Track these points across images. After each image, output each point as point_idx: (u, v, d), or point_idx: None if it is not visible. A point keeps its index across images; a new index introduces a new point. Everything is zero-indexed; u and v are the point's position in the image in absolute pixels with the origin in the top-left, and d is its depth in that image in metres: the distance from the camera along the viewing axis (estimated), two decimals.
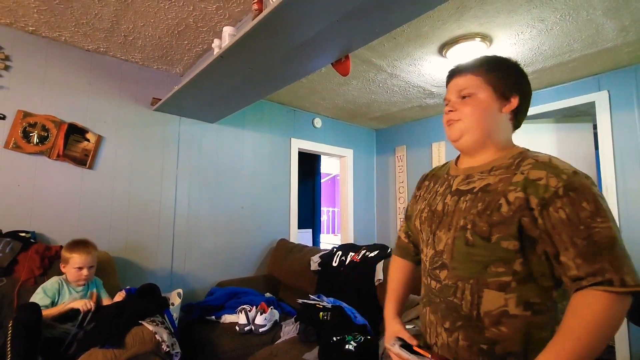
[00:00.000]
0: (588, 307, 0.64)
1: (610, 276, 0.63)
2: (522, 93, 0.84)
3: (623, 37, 2.14)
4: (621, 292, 0.63)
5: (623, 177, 2.58)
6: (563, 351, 0.63)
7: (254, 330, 2.10)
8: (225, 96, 2.23)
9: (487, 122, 0.83)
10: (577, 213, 0.67)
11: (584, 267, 0.65)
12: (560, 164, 0.74)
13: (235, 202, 2.98)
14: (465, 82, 0.86)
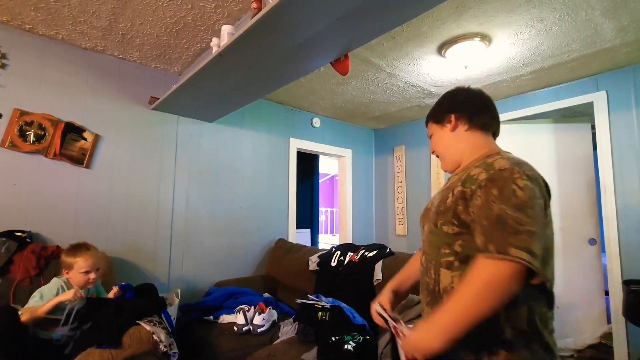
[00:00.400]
0: (473, 270, 0.76)
1: (493, 247, 0.74)
2: (454, 107, 1.03)
3: (622, 37, 2.15)
4: (499, 259, 0.72)
5: (621, 177, 2.59)
6: (451, 303, 0.76)
7: (252, 330, 2.09)
8: (224, 95, 2.22)
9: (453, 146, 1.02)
10: (487, 199, 0.79)
11: (483, 241, 0.77)
12: (499, 164, 0.84)
13: (233, 202, 2.97)
14: (428, 128, 1.11)
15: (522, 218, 0.74)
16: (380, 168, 4.35)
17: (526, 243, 0.72)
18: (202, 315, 2.27)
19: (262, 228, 3.17)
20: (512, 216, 0.74)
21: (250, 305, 2.22)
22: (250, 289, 2.55)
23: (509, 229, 0.74)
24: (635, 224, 2.50)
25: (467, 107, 1.02)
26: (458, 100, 1.04)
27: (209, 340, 2.04)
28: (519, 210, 0.75)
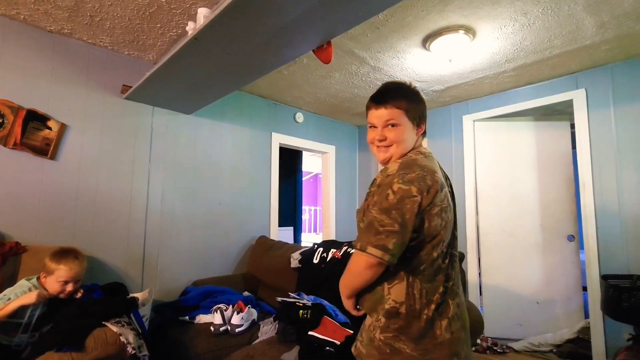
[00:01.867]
0: (350, 259, 1.02)
1: (358, 244, 0.96)
2: (425, 119, 1.11)
3: (602, 34, 2.17)
4: (357, 251, 0.96)
5: (599, 175, 2.63)
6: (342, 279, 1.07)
7: (230, 330, 1.99)
8: (202, 84, 2.11)
9: (408, 144, 1.07)
10: (370, 203, 0.99)
11: (356, 238, 1.00)
12: (392, 168, 1.01)
13: (212, 198, 2.86)
14: (390, 113, 1.05)
15: (385, 220, 0.92)
16: (364, 165, 4.31)
17: (383, 242, 0.91)
18: (178, 316, 2.16)
19: (243, 225, 3.06)
20: (378, 219, 0.93)
21: (229, 305, 2.13)
22: (229, 288, 2.45)
23: (373, 230, 0.93)
24: (613, 221, 2.54)
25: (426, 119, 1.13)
26: (425, 111, 1.12)
27: (184, 342, 1.94)
28: (384, 213, 0.92)
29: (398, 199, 0.92)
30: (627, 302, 2.11)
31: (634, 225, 2.45)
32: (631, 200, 2.47)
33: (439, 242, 0.98)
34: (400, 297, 0.97)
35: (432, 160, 1.06)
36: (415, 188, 0.93)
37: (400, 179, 0.94)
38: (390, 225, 0.91)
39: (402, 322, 0.96)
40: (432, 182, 0.95)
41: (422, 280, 0.97)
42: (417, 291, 0.96)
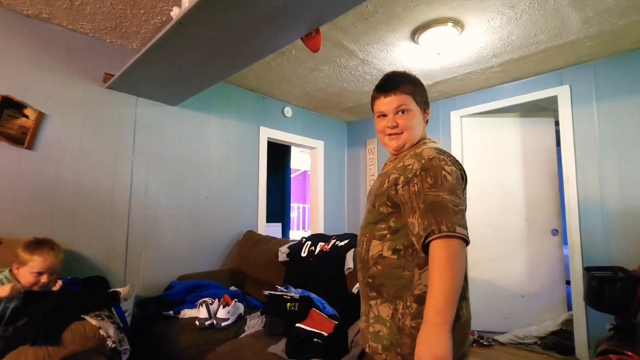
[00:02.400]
0: (434, 253, 0.86)
1: (434, 228, 0.86)
2: (429, 105, 1.15)
3: (586, 29, 2.20)
4: (442, 237, 0.85)
5: (582, 170, 2.68)
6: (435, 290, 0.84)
7: (215, 324, 1.95)
8: (187, 74, 2.06)
9: (418, 130, 1.09)
10: (423, 186, 0.93)
11: (421, 223, 0.89)
12: (427, 153, 0.98)
13: (199, 192, 2.81)
14: (399, 99, 1.06)
15: (456, 200, 0.90)
16: (352, 161, 4.30)
17: (463, 221, 0.89)
18: (162, 310, 2.11)
19: (230, 220, 3.02)
20: (449, 199, 0.89)
21: (214, 299, 2.09)
22: (215, 282, 2.40)
23: (450, 211, 0.88)
24: (595, 214, 2.59)
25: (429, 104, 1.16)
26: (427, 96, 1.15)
27: (168, 336, 1.89)
28: (452, 194, 0.91)
29: (455, 179, 0.94)
30: (609, 293, 2.15)
31: (615, 219, 2.50)
32: (613, 194, 2.52)
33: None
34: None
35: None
36: (459, 172, 0.98)
37: (448, 161, 0.97)
38: (461, 205, 0.91)
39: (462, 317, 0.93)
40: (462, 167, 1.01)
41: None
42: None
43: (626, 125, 2.49)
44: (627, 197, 2.46)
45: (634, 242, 2.41)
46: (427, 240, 0.87)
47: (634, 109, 2.46)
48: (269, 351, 1.62)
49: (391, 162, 1.12)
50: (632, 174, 2.45)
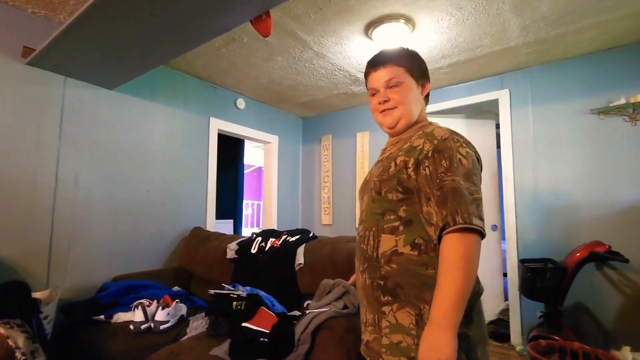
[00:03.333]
0: (446, 250, 0.78)
1: (449, 219, 0.78)
2: (428, 79, 1.04)
3: (524, 36, 2.35)
4: (456, 230, 0.77)
5: (519, 169, 2.87)
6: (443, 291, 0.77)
7: (153, 327, 1.80)
8: (124, 53, 1.87)
9: (415, 106, 0.98)
10: (437, 169, 0.83)
11: (439, 213, 0.81)
12: (438, 133, 0.88)
13: (139, 185, 2.58)
14: (390, 72, 0.97)
15: (472, 187, 0.82)
16: (307, 157, 4.26)
17: (479, 211, 0.80)
18: (91, 315, 1.89)
19: (175, 215, 2.82)
20: (465, 186, 0.81)
21: (153, 300, 1.92)
22: (155, 282, 2.22)
23: (466, 199, 0.79)
24: (529, 210, 2.80)
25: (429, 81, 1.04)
26: (428, 73, 1.05)
27: (96, 343, 1.70)
28: (468, 180, 0.82)
29: (472, 163, 0.84)
30: (540, 283, 2.32)
31: (546, 214, 2.71)
32: (544, 192, 2.74)
33: None
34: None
35: None
36: (474, 155, 0.88)
37: (463, 142, 0.87)
38: (477, 193, 0.82)
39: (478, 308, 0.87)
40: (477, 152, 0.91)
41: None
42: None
43: (557, 129, 2.71)
44: (557, 195, 2.68)
45: (562, 235, 2.63)
46: (443, 232, 0.79)
47: (564, 114, 2.69)
48: (212, 354, 1.52)
49: (393, 145, 1.00)
50: (561, 173, 2.68)
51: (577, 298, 2.53)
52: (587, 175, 2.57)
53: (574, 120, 2.64)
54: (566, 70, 2.69)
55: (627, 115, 2.43)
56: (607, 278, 2.44)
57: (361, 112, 3.82)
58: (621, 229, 2.40)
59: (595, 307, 2.47)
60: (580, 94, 2.63)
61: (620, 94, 2.45)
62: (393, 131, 1.01)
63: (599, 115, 2.54)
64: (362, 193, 1.05)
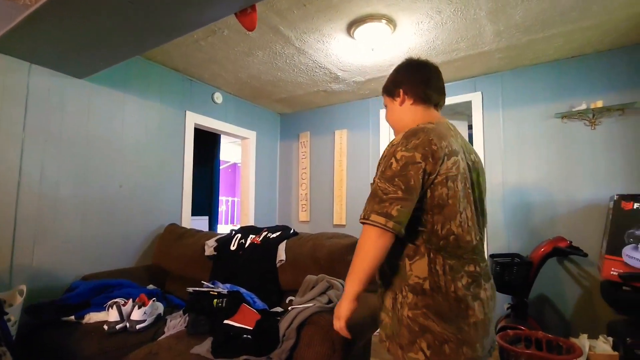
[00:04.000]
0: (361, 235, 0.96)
1: (362, 215, 0.94)
2: (401, 81, 1.11)
3: (497, 42, 2.46)
4: (363, 223, 0.93)
5: (490, 168, 3.01)
6: (349, 270, 0.98)
7: (129, 327, 1.73)
8: (97, 41, 1.78)
9: (397, 118, 1.14)
10: (377, 173, 0.98)
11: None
12: (397, 139, 0.99)
13: (111, 180, 2.47)
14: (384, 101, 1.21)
15: (389, 188, 0.91)
16: (285, 153, 4.24)
17: (386, 209, 0.89)
18: (60, 316, 1.80)
19: (149, 212, 2.73)
20: (381, 187, 0.92)
21: (128, 299, 1.85)
22: (128, 281, 2.14)
23: (376, 199, 0.92)
24: (498, 208, 2.94)
25: (413, 81, 1.09)
26: (406, 75, 1.12)
27: (67, 345, 1.62)
28: (387, 181, 0.92)
29: (402, 166, 0.91)
30: (508, 277, 2.46)
31: (512, 211, 2.87)
32: (512, 191, 2.89)
33: (455, 215, 0.93)
34: (422, 273, 0.93)
35: (443, 127, 1.00)
36: (419, 154, 0.91)
37: (403, 146, 0.94)
38: (394, 193, 0.90)
39: (429, 299, 0.92)
40: (437, 147, 0.92)
41: (445, 256, 0.93)
42: (439, 267, 0.92)
43: (525, 131, 2.87)
44: (523, 193, 2.84)
45: (528, 232, 2.79)
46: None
47: (531, 117, 2.84)
48: (193, 352, 1.49)
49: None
50: (528, 173, 2.83)
51: (541, 290, 2.70)
52: (550, 175, 2.74)
53: (540, 123, 2.80)
54: (534, 75, 2.85)
55: (587, 119, 2.61)
56: (568, 271, 2.63)
57: (340, 110, 3.85)
58: (580, 225, 2.59)
59: (557, 299, 2.65)
60: (546, 99, 2.79)
61: (582, 99, 2.62)
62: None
63: (563, 119, 2.71)
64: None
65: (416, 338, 0.92)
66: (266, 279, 2.00)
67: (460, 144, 1.02)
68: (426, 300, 0.92)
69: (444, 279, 0.92)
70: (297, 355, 1.36)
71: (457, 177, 0.94)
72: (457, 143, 1.00)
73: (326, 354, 1.30)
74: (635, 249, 2.01)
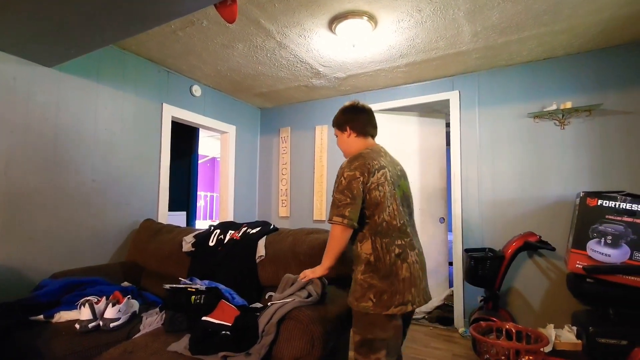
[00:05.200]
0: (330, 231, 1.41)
1: (328, 217, 1.39)
2: (348, 120, 1.57)
3: (474, 42, 2.53)
4: (330, 223, 1.37)
5: (466, 166, 3.10)
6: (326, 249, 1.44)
7: (102, 326, 1.68)
8: (68, 28, 1.69)
9: (344, 147, 1.60)
10: (334, 188, 1.42)
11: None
12: (343, 163, 1.43)
13: (83, 174, 2.38)
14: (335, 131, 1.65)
15: (341, 197, 1.36)
16: (265, 148, 4.21)
17: (341, 212, 1.34)
18: (28, 316, 1.72)
19: (124, 207, 2.64)
20: (337, 198, 1.37)
21: (101, 297, 1.80)
22: (101, 278, 2.07)
23: (335, 206, 1.37)
24: (473, 204, 3.04)
25: (356, 121, 1.56)
26: (351, 116, 1.57)
27: (36, 346, 1.55)
28: (340, 193, 1.37)
29: (348, 181, 1.36)
30: (482, 270, 2.55)
31: (487, 208, 2.97)
32: (486, 188, 2.99)
33: (385, 208, 1.37)
34: (368, 250, 1.37)
35: (375, 152, 1.46)
36: (359, 172, 1.36)
37: (348, 169, 1.39)
38: (344, 200, 1.35)
39: (373, 266, 1.35)
40: (370, 166, 1.38)
41: (381, 237, 1.37)
42: (379, 245, 1.36)
43: (498, 130, 2.97)
44: (497, 190, 2.94)
45: (501, 227, 2.90)
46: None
47: (505, 117, 2.94)
48: (170, 350, 1.47)
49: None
50: (501, 171, 2.94)
51: (512, 283, 2.81)
52: (522, 172, 2.85)
53: (514, 122, 2.90)
54: (509, 76, 2.95)
55: (557, 119, 2.73)
56: (537, 265, 2.75)
57: (321, 106, 3.85)
58: (549, 221, 2.71)
59: (526, 291, 2.77)
60: (519, 99, 2.89)
61: (553, 100, 2.74)
62: None
63: (535, 119, 2.82)
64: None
65: (366, 292, 1.35)
66: (245, 275, 1.99)
67: (388, 161, 1.47)
68: (371, 267, 1.36)
69: (382, 252, 1.36)
70: (277, 350, 1.36)
71: (384, 183, 1.38)
72: (386, 160, 1.46)
73: (305, 348, 1.31)
74: (598, 243, 2.13)
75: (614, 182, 2.53)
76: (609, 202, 2.13)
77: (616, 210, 2.10)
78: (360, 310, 1.36)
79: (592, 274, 2.12)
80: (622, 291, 2.05)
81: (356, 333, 1.40)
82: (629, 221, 2.06)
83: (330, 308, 1.53)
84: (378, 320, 1.34)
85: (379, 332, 1.34)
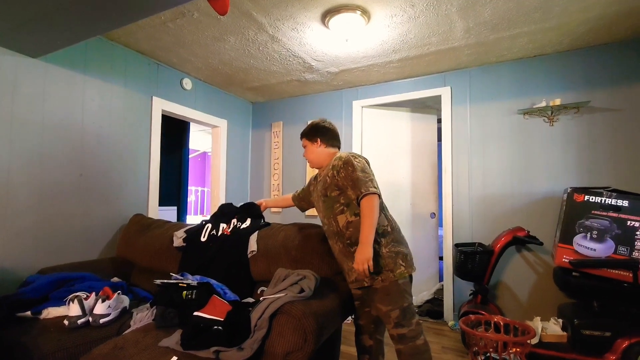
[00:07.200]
0: (362, 206, 1.56)
1: (362, 191, 1.57)
2: (319, 134, 1.83)
3: (466, 38, 2.54)
4: (365, 194, 1.55)
5: (457, 162, 3.12)
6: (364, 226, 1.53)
7: (92, 322, 1.66)
8: (55, 17, 1.65)
9: (313, 156, 1.85)
10: (348, 172, 1.63)
11: (356, 191, 1.60)
12: (343, 155, 1.69)
13: (71, 168, 2.33)
14: (302, 142, 1.89)
15: (364, 175, 1.60)
16: (257, 143, 4.18)
17: (373, 184, 1.59)
18: (14, 312, 1.69)
19: (113, 202, 2.60)
20: (361, 176, 1.60)
21: (91, 293, 1.77)
22: (91, 274, 2.04)
23: (362, 182, 1.58)
24: (464, 199, 3.07)
25: (325, 134, 1.83)
26: (321, 131, 1.83)
27: (23, 343, 1.52)
28: (361, 172, 1.61)
29: (362, 165, 1.65)
30: (471, 265, 2.59)
31: (477, 203, 3.01)
32: (477, 183, 3.02)
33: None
34: (384, 222, 1.65)
35: None
36: (364, 160, 1.70)
37: (354, 159, 1.65)
38: (368, 176, 1.61)
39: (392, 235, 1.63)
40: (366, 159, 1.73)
41: (385, 210, 1.69)
42: (389, 216, 1.70)
43: (489, 126, 3.00)
44: (487, 185, 2.98)
45: (490, 222, 2.94)
46: (359, 199, 1.57)
47: (495, 113, 2.97)
48: (161, 345, 1.45)
49: (321, 172, 1.85)
50: (491, 166, 2.97)
51: (501, 277, 2.87)
52: (511, 168, 2.89)
53: (504, 118, 2.94)
54: (499, 72, 2.97)
55: (546, 116, 2.77)
56: (525, 259, 2.80)
57: (313, 100, 3.84)
58: (537, 216, 2.76)
59: (514, 285, 2.83)
60: (509, 95, 2.92)
61: (542, 97, 2.77)
62: (315, 168, 1.90)
63: (524, 116, 2.86)
64: (315, 200, 1.86)
65: (396, 260, 1.58)
66: (237, 270, 1.98)
67: None
68: (391, 236, 1.62)
69: (393, 222, 1.69)
70: (269, 344, 1.36)
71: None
72: None
73: (298, 343, 1.32)
74: (584, 238, 2.18)
75: (600, 178, 2.59)
76: (595, 197, 2.17)
77: (602, 206, 2.15)
78: (398, 278, 1.55)
79: (578, 268, 2.17)
80: (606, 284, 2.11)
81: (393, 309, 1.55)
82: (614, 216, 2.11)
83: (323, 302, 1.53)
84: (405, 285, 1.59)
85: (408, 296, 1.59)
